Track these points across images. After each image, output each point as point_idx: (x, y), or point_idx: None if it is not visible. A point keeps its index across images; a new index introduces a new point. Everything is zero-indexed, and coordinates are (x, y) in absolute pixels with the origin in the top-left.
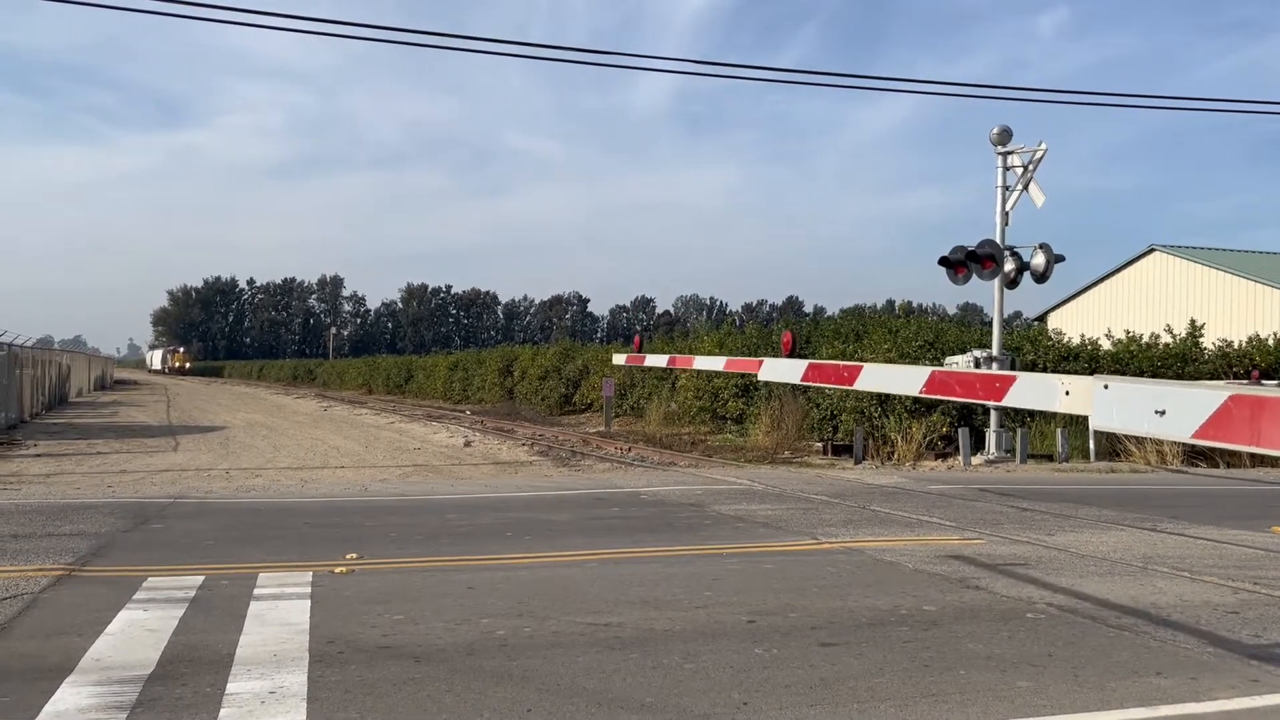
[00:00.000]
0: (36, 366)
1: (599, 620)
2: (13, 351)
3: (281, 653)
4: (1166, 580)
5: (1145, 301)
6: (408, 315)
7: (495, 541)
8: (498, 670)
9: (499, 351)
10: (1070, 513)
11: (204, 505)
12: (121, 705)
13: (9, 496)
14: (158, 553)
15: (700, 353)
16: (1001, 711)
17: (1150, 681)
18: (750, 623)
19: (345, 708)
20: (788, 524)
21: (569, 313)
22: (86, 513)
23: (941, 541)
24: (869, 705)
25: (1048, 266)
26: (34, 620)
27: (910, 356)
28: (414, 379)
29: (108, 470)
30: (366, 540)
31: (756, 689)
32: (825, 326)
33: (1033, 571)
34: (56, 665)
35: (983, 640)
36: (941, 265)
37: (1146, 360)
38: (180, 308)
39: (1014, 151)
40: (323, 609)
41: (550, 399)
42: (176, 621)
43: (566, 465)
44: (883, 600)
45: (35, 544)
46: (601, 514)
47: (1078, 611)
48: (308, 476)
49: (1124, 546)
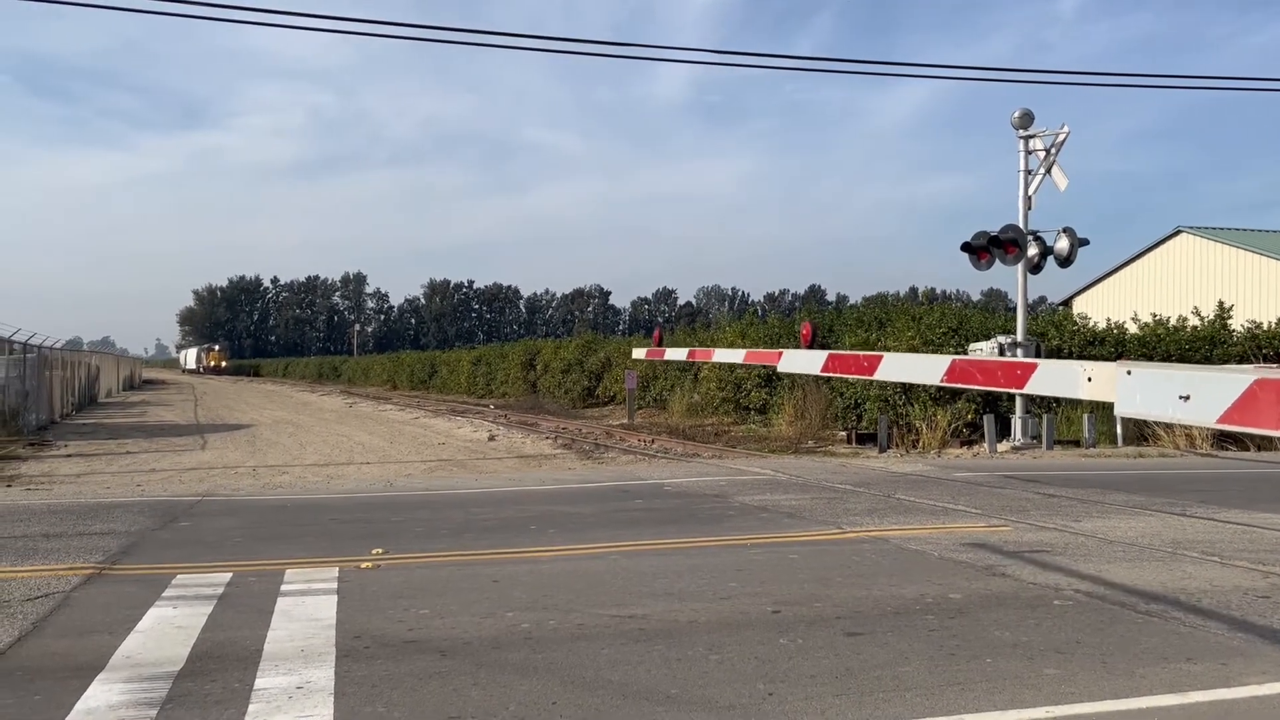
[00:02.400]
0: (66, 368)
1: (623, 612)
2: (42, 353)
3: (308, 648)
4: (1196, 565)
5: (1173, 284)
6: (431, 311)
7: (519, 535)
8: (523, 663)
9: (521, 345)
10: (1097, 498)
11: (231, 503)
12: (152, 702)
13: (41, 497)
14: (186, 550)
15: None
16: (1029, 699)
17: (1180, 667)
18: (775, 613)
19: (371, 702)
20: (812, 514)
21: (591, 305)
22: (116, 512)
23: (967, 529)
24: (895, 694)
25: (1072, 250)
26: (65, 619)
27: (934, 344)
28: (438, 374)
29: (137, 469)
30: (392, 535)
31: (782, 679)
32: (848, 315)
33: (1060, 558)
34: (88, 663)
35: (1009, 628)
36: (964, 251)
37: (1174, 344)
38: (206, 307)
39: (1036, 135)
40: (349, 604)
41: (573, 392)
42: (205, 618)
43: (590, 458)
44: (908, 589)
45: (66, 543)
46: (625, 506)
47: (1106, 598)
48: (334, 473)
49: (1152, 532)
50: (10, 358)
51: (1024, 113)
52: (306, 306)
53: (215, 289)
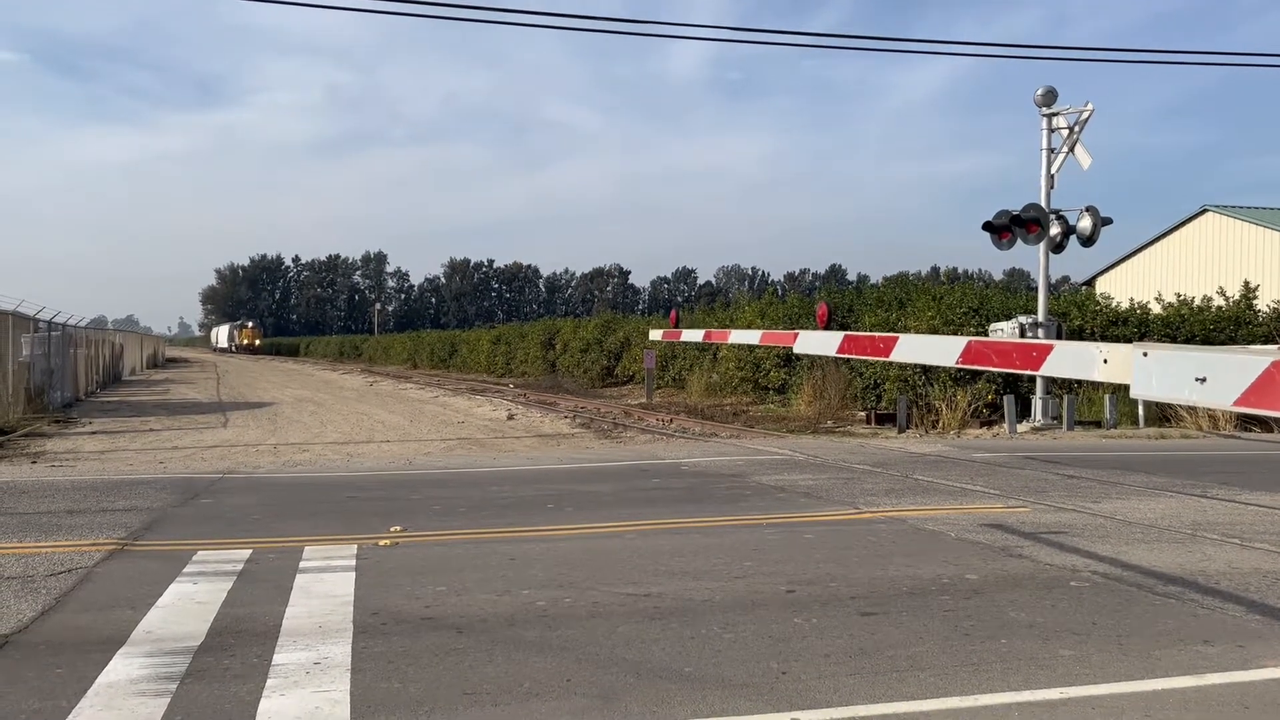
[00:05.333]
0: (90, 346)
1: (639, 591)
2: (67, 332)
3: (326, 624)
4: (1215, 547)
5: (1198, 264)
6: (451, 290)
7: (537, 513)
8: (538, 641)
9: (541, 325)
10: (1117, 480)
11: (252, 480)
12: (172, 676)
13: (65, 473)
14: (207, 527)
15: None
16: (1044, 680)
17: (1197, 650)
18: (790, 592)
19: (388, 678)
20: (829, 494)
21: (610, 285)
22: (139, 488)
23: (985, 510)
24: (909, 674)
25: (1094, 230)
26: (88, 593)
27: (954, 324)
28: (458, 353)
29: (160, 446)
30: (410, 513)
31: (796, 658)
32: (868, 295)
33: (1077, 539)
34: (109, 637)
35: (1025, 609)
36: (985, 230)
37: (1198, 324)
38: (228, 286)
39: (1059, 113)
40: (367, 581)
41: (592, 371)
42: (225, 594)
43: (608, 437)
44: (924, 569)
45: (90, 519)
46: (642, 485)
47: (1123, 580)
48: (353, 451)
49: (1172, 513)
50: (36, 335)
51: (1047, 90)
52: (327, 285)
53: (237, 268)
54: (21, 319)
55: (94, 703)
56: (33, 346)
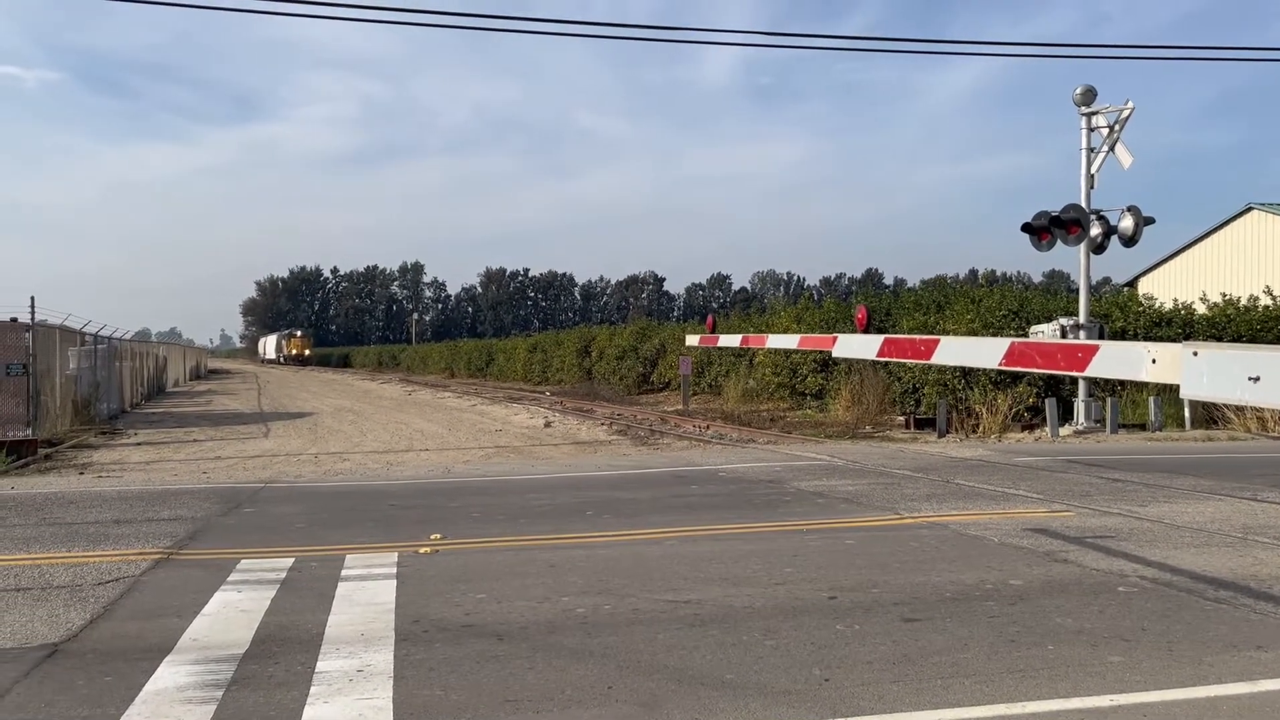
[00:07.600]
0: (135, 358)
1: (679, 598)
2: (112, 345)
3: (369, 632)
4: (1267, 551)
5: (1243, 263)
6: (487, 299)
7: (575, 520)
8: (578, 648)
9: (577, 333)
10: (1164, 483)
11: (294, 489)
12: (218, 683)
13: (112, 484)
14: (250, 536)
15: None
16: (1092, 687)
17: (1250, 655)
18: (831, 599)
19: (429, 685)
20: (869, 499)
21: (645, 292)
22: (184, 498)
23: (1028, 514)
24: (953, 681)
25: (1136, 229)
26: (135, 602)
27: (994, 327)
28: (494, 362)
29: (203, 457)
30: (450, 521)
31: (838, 665)
32: (905, 298)
33: (1124, 544)
34: (156, 645)
35: (1072, 614)
36: (1024, 232)
37: (1244, 324)
38: (268, 298)
39: (1098, 112)
40: (408, 589)
41: (628, 378)
42: (269, 602)
43: (645, 444)
44: (967, 575)
45: (136, 529)
46: (680, 492)
47: (1172, 584)
48: (393, 459)
49: (1221, 517)
50: (83, 349)
51: (1086, 89)
52: (365, 296)
53: (277, 279)
54: (68, 333)
55: (142, 710)
56: (79, 360)
